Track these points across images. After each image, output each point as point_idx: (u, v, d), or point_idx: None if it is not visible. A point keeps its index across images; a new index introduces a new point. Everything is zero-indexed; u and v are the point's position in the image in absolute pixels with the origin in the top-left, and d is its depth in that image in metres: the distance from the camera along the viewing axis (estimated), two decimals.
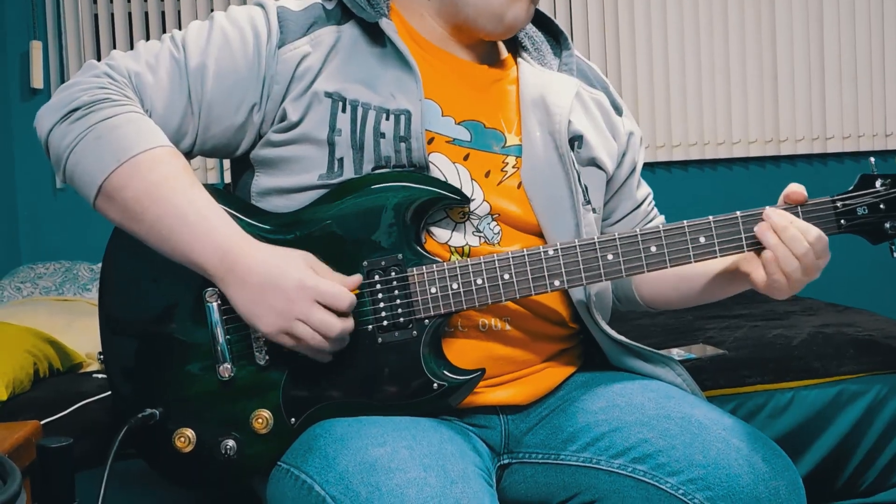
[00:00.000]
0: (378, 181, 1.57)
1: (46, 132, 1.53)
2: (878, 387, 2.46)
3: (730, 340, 2.67)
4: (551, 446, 1.64)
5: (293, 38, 1.61)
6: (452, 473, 1.40)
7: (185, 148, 1.60)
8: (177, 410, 1.58)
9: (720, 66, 4.62)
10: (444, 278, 1.54)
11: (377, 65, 1.63)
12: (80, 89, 1.54)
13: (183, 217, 1.48)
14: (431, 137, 1.62)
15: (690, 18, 4.60)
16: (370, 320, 1.54)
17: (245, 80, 1.59)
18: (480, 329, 1.61)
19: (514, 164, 1.67)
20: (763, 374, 2.44)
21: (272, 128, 1.62)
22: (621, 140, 1.84)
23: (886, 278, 4.59)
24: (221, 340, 1.55)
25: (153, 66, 1.59)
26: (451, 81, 1.70)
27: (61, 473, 1.66)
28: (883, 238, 1.55)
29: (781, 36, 4.64)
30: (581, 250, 1.56)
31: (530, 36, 1.83)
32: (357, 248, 1.55)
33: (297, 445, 1.54)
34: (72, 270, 3.81)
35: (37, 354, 2.48)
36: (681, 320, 3.05)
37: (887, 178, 1.54)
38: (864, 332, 2.69)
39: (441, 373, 1.55)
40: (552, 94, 1.72)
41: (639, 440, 1.56)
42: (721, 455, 1.50)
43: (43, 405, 2.23)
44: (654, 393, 1.64)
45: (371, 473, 1.39)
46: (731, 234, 1.55)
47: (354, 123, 1.59)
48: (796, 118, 4.66)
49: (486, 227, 1.63)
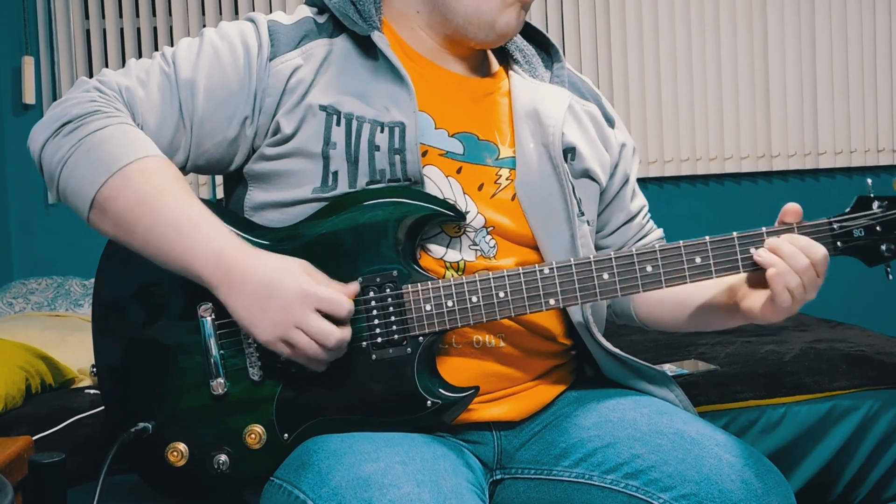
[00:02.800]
0: (373, 197, 1.57)
1: (39, 149, 1.53)
2: (871, 402, 2.46)
3: (722, 356, 2.67)
4: (544, 462, 1.64)
5: (284, 51, 1.62)
6: (446, 489, 1.40)
7: (179, 163, 1.60)
8: (170, 425, 1.57)
9: (712, 81, 4.64)
10: (438, 296, 1.54)
11: (370, 78, 1.64)
12: (71, 104, 1.54)
13: (176, 225, 1.47)
14: (425, 150, 1.62)
15: (683, 34, 4.62)
16: (364, 337, 1.54)
17: (236, 93, 1.59)
18: (475, 346, 1.61)
19: (507, 177, 1.67)
20: (755, 389, 2.43)
21: (265, 141, 1.62)
22: (613, 151, 1.85)
23: (878, 294, 4.59)
24: (215, 355, 1.55)
25: (144, 81, 1.59)
26: (443, 94, 1.70)
27: (53, 489, 1.65)
28: (879, 260, 1.55)
29: (774, 51, 4.66)
30: (577, 269, 1.56)
31: (521, 48, 1.84)
32: (352, 263, 1.55)
33: (290, 461, 1.54)
34: (64, 286, 3.81)
35: (29, 370, 2.47)
36: (673, 336, 3.05)
37: (884, 201, 1.54)
38: (856, 347, 2.69)
39: (435, 390, 1.55)
40: (545, 106, 1.73)
41: (631, 456, 1.56)
42: (714, 471, 1.50)
43: (35, 421, 2.22)
44: (647, 409, 1.64)
45: (364, 489, 1.38)
46: (727, 255, 1.55)
47: (349, 136, 1.59)
48: (788, 134, 4.68)
49: (482, 241, 1.63)
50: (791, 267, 1.49)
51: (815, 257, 1.50)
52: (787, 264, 1.49)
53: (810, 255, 1.50)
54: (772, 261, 1.50)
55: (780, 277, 1.49)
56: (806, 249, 1.50)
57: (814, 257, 1.50)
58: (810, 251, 1.50)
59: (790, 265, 1.49)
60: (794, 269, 1.49)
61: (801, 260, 1.49)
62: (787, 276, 1.49)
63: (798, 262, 1.49)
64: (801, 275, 1.49)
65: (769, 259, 1.51)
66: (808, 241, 1.51)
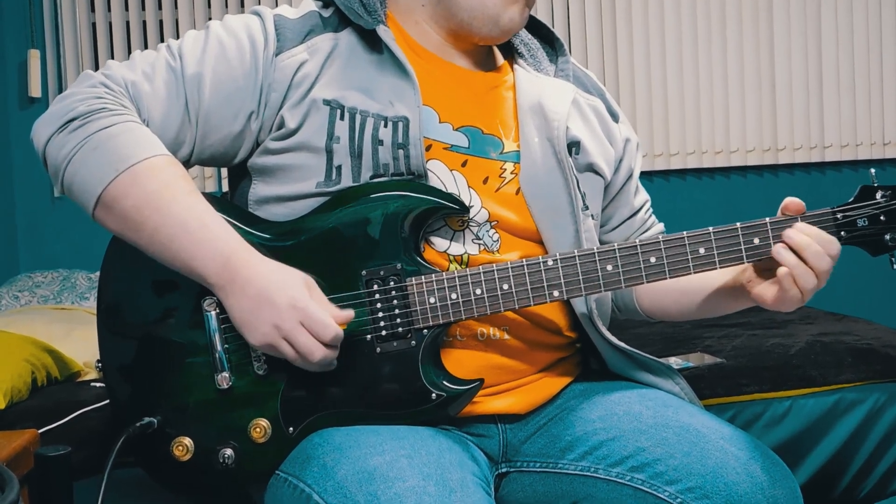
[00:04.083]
0: (377, 190, 1.57)
1: (44, 143, 1.52)
2: (877, 395, 2.46)
3: (728, 349, 2.67)
4: (549, 455, 1.64)
5: (290, 46, 1.61)
6: (451, 482, 1.40)
7: (183, 157, 1.60)
8: (175, 419, 1.57)
9: (718, 74, 4.63)
10: (442, 288, 1.54)
11: (375, 72, 1.63)
12: (77, 100, 1.53)
13: (183, 225, 1.47)
14: (429, 144, 1.62)
15: (689, 27, 4.61)
16: (369, 330, 1.54)
17: (242, 88, 1.59)
18: (479, 339, 1.61)
19: (511, 171, 1.67)
20: (761, 382, 2.43)
21: (270, 135, 1.62)
22: (618, 146, 1.85)
23: (884, 287, 4.59)
24: (220, 349, 1.55)
25: (150, 75, 1.59)
26: (448, 88, 1.70)
27: (59, 482, 1.66)
28: (883, 250, 1.55)
29: (780, 44, 4.65)
30: (580, 261, 1.55)
31: (526, 42, 1.83)
32: (355, 257, 1.55)
33: (295, 454, 1.54)
34: (70, 279, 3.81)
35: (35, 363, 2.47)
36: (679, 329, 3.05)
37: (888, 190, 1.53)
38: (862, 340, 2.69)
39: (440, 383, 1.55)
40: (549, 100, 1.72)
41: (637, 449, 1.56)
42: (719, 464, 1.50)
43: (41, 414, 2.22)
44: (652, 402, 1.64)
45: (369, 482, 1.38)
46: (730, 245, 1.54)
47: (353, 131, 1.59)
48: (794, 127, 4.67)
49: (486, 235, 1.63)
50: (812, 268, 1.49)
51: (833, 252, 1.50)
52: (810, 265, 1.49)
53: (832, 254, 1.50)
54: (791, 262, 1.50)
55: (792, 279, 1.50)
56: (827, 246, 1.50)
57: (832, 253, 1.50)
58: (832, 249, 1.50)
59: (813, 264, 1.49)
60: (812, 270, 1.49)
61: (825, 260, 1.49)
62: (801, 278, 1.49)
63: (822, 263, 1.49)
64: (820, 275, 1.50)
65: (789, 259, 1.50)
66: (829, 238, 1.51)
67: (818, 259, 1.49)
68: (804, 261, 1.49)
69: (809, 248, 1.49)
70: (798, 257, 1.50)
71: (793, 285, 1.50)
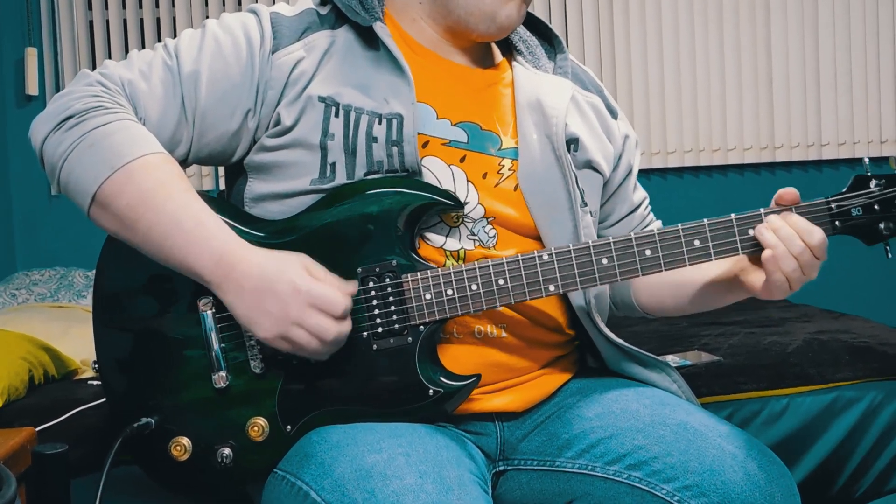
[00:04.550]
0: (371, 187, 1.57)
1: (41, 142, 1.52)
2: (874, 393, 2.46)
3: (725, 347, 2.67)
4: (547, 453, 1.64)
5: (287, 44, 1.61)
6: (449, 480, 1.40)
7: (181, 156, 1.60)
8: (172, 419, 1.57)
9: (715, 72, 4.63)
10: (438, 284, 1.54)
11: (371, 69, 1.63)
12: (74, 98, 1.53)
13: (178, 223, 1.47)
14: (426, 141, 1.62)
15: (686, 25, 4.61)
16: (365, 327, 1.54)
17: (239, 86, 1.59)
18: (476, 336, 1.61)
19: (510, 167, 1.67)
20: (758, 380, 2.44)
21: (266, 132, 1.61)
22: (617, 143, 1.85)
23: (881, 285, 4.59)
24: (216, 348, 1.55)
25: (146, 74, 1.59)
26: (446, 84, 1.70)
27: (57, 480, 1.66)
28: (877, 239, 1.56)
29: (777, 42, 4.65)
30: (576, 254, 1.56)
31: (524, 39, 1.83)
32: (351, 254, 1.55)
33: (292, 453, 1.54)
34: (67, 277, 3.81)
35: (32, 361, 2.47)
36: (676, 327, 3.05)
37: (881, 179, 1.54)
38: (859, 338, 2.69)
39: (437, 379, 1.55)
40: (548, 97, 1.72)
41: (634, 447, 1.56)
42: (716, 462, 1.50)
43: (38, 412, 2.22)
44: (650, 400, 1.65)
45: (367, 480, 1.38)
46: (725, 236, 1.55)
47: (347, 128, 1.58)
48: (791, 125, 4.67)
49: (481, 231, 1.63)
50: (788, 250, 1.50)
51: (812, 241, 1.51)
52: (785, 247, 1.50)
53: (806, 239, 1.50)
54: (771, 242, 1.51)
55: (775, 261, 1.51)
56: (803, 233, 1.51)
57: (810, 241, 1.51)
58: (807, 235, 1.51)
59: (787, 247, 1.50)
60: (790, 253, 1.50)
61: (797, 244, 1.50)
62: (782, 260, 1.50)
63: (794, 246, 1.50)
64: (798, 258, 1.50)
65: (769, 239, 1.52)
66: (807, 224, 1.52)
67: (791, 241, 1.50)
68: (780, 241, 1.51)
69: (781, 230, 1.51)
70: (776, 237, 1.51)
71: (776, 268, 1.51)
